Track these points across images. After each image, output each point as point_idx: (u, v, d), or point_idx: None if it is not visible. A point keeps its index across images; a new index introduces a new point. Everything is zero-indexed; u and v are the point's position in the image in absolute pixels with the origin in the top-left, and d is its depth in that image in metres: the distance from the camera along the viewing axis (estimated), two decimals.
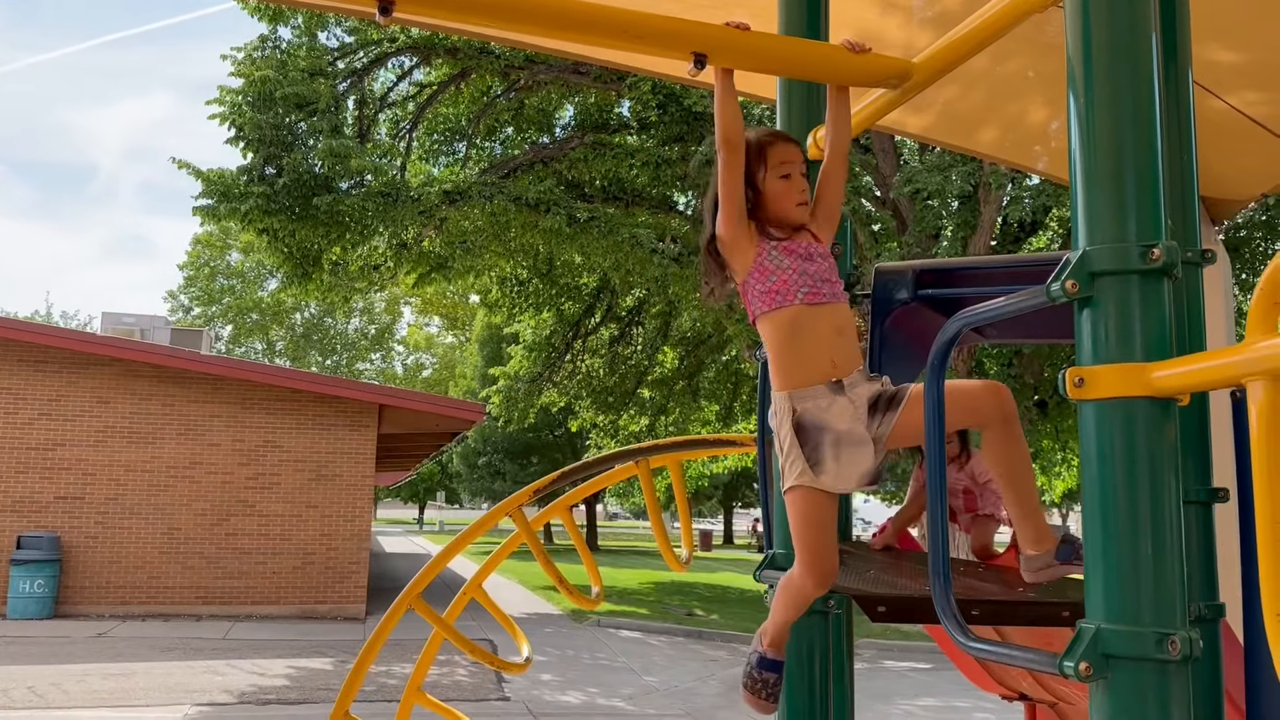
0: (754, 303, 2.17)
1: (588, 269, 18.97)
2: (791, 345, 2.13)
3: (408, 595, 3.11)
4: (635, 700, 10.49)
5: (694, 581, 23.15)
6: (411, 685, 3.34)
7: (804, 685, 2.45)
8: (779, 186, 2.17)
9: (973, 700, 10.65)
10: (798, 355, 2.12)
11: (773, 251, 2.15)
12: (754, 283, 2.15)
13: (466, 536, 3.22)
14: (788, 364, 2.13)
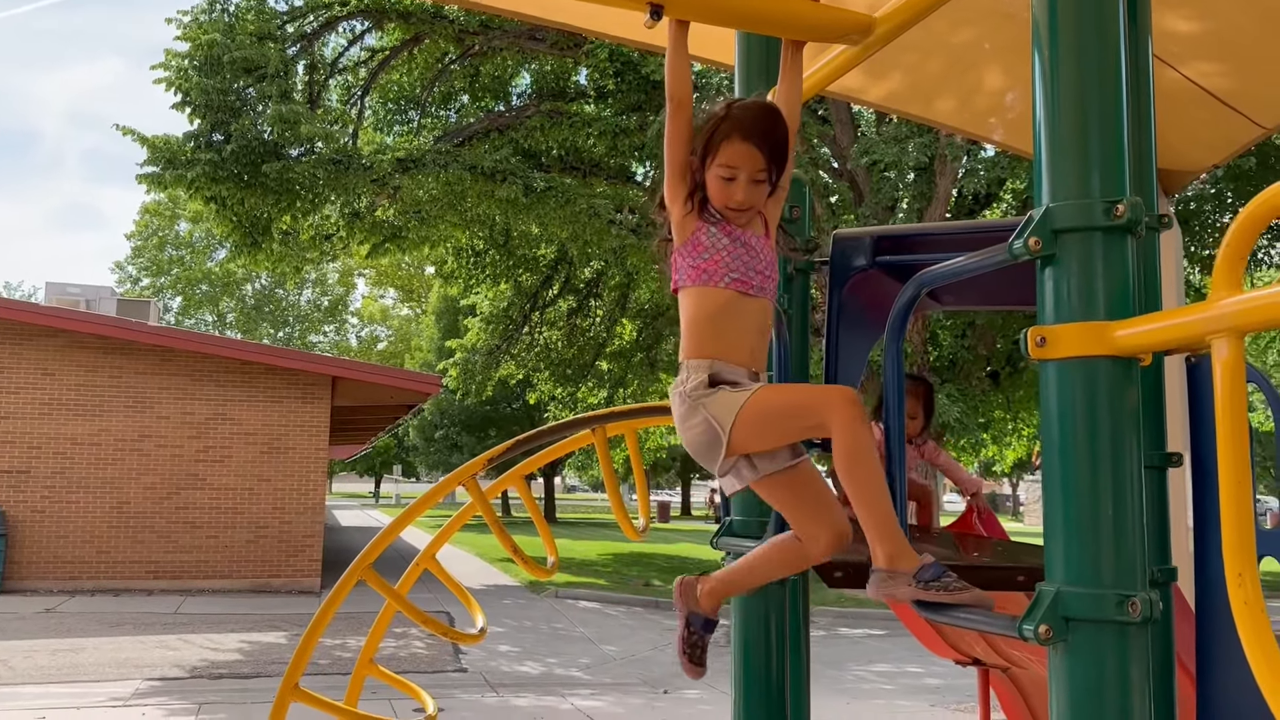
0: (680, 273, 2.08)
1: (545, 240, 18.80)
2: (713, 323, 2.05)
3: (358, 567, 3.05)
4: (593, 670, 10.52)
5: (652, 552, 23.25)
6: (363, 658, 3.29)
7: (761, 653, 2.44)
8: (718, 185, 2.05)
9: (925, 665, 10.81)
10: (718, 333, 2.04)
11: (711, 229, 2.06)
12: (685, 254, 2.07)
13: (417, 507, 3.15)
14: (707, 335, 2.04)
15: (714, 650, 6.93)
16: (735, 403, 1.94)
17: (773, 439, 1.94)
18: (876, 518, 1.77)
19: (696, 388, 2.00)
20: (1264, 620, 1.23)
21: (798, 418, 1.90)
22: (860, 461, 1.79)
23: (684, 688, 9.54)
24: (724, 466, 1.97)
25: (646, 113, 15.37)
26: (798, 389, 2.01)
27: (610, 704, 8.83)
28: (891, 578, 1.74)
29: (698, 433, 1.98)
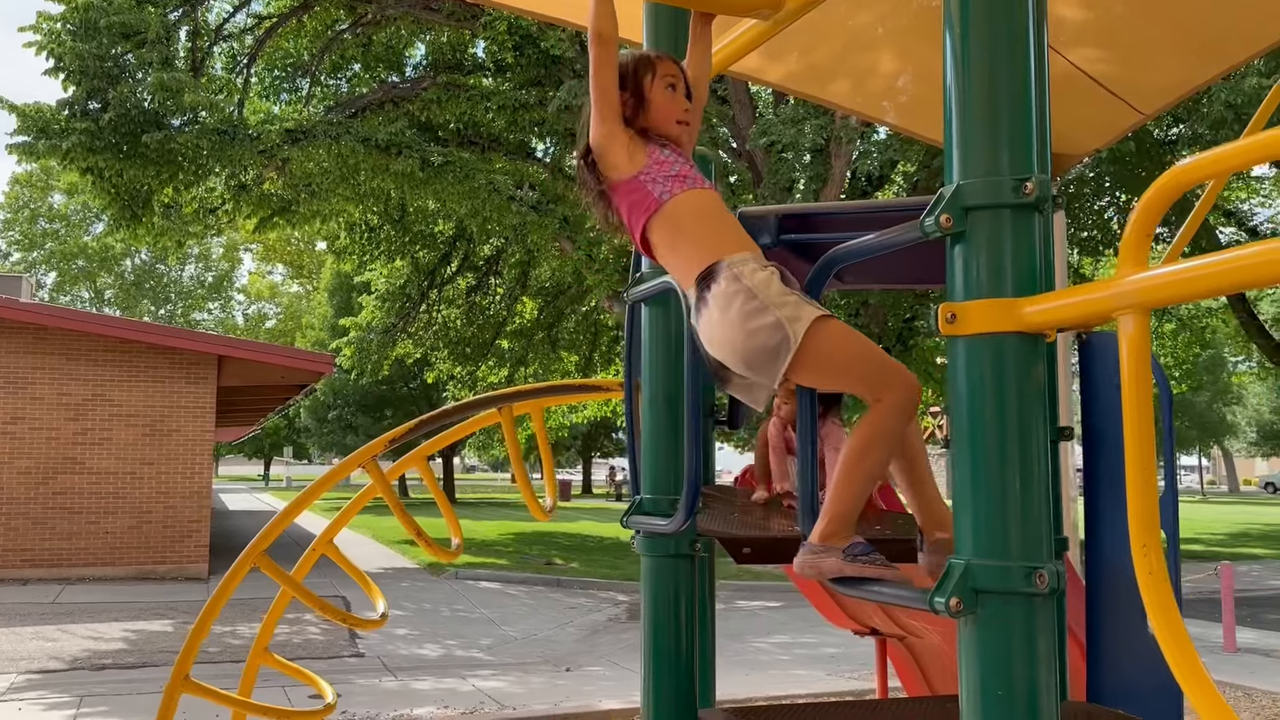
0: (656, 187, 2.01)
1: (443, 216, 18.47)
2: (724, 218, 2.00)
3: (251, 553, 2.93)
4: (494, 650, 10.45)
5: (553, 531, 23.21)
6: (257, 646, 3.17)
7: (671, 629, 2.42)
8: (665, 96, 2.10)
9: (820, 636, 11.06)
10: (735, 229, 1.98)
11: (663, 150, 2.08)
12: (654, 171, 2.02)
13: (314, 491, 3.05)
14: (728, 231, 1.96)
15: (615, 627, 6.97)
16: (813, 314, 1.80)
17: (823, 374, 1.81)
18: (847, 502, 1.75)
19: (767, 281, 1.84)
20: (1167, 589, 1.27)
21: (860, 370, 1.79)
22: (878, 449, 1.75)
23: (586, 665, 9.56)
24: (781, 379, 1.81)
25: (547, 88, 15.19)
26: (873, 345, 1.86)
27: (512, 684, 8.78)
28: (822, 551, 1.73)
29: (766, 334, 1.80)
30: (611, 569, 16.59)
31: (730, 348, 1.87)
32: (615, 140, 2.03)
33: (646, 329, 2.48)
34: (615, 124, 2.04)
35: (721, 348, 1.89)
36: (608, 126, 2.04)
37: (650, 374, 2.46)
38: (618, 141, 2.03)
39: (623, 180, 2.04)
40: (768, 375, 1.84)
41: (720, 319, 1.87)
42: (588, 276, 16.43)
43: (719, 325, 1.87)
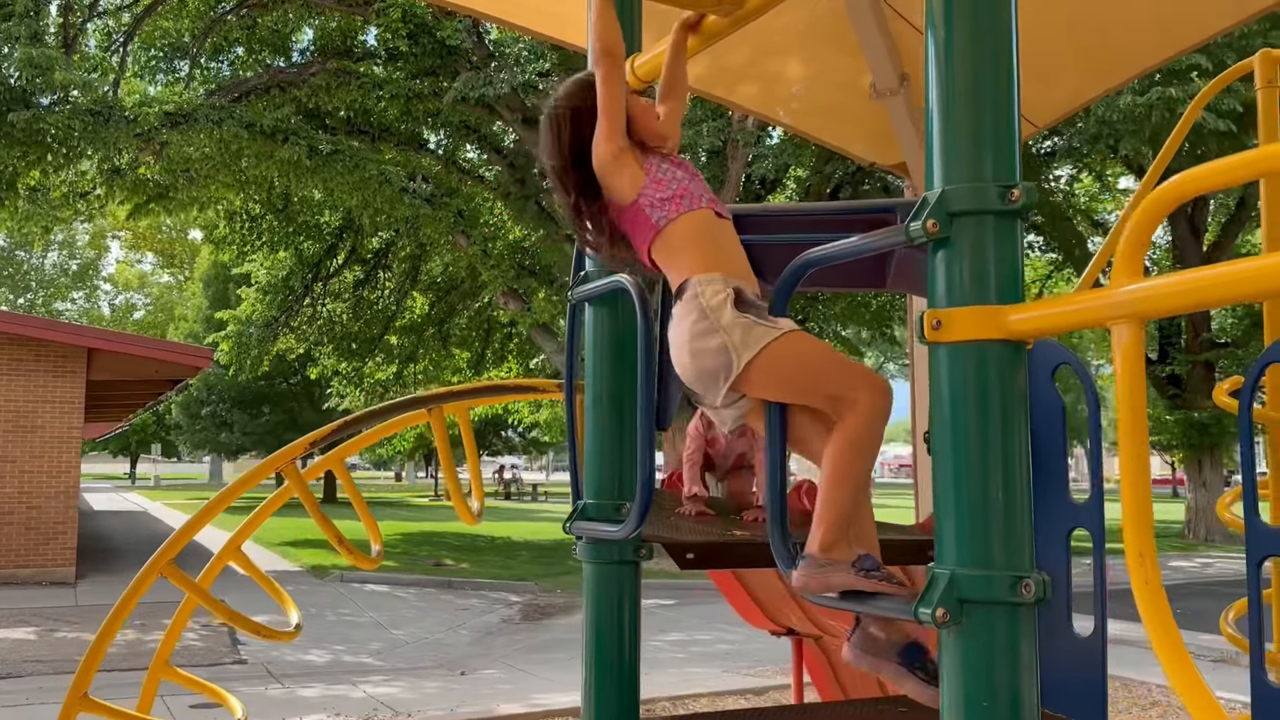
0: (655, 213, 2.01)
1: (330, 206, 17.93)
2: (714, 241, 1.99)
3: (159, 560, 2.74)
4: (384, 655, 10.18)
5: (442, 531, 22.80)
6: (159, 658, 2.97)
7: (614, 636, 2.37)
8: (640, 102, 2.11)
9: (715, 633, 11.15)
10: (720, 250, 1.98)
11: (662, 164, 2.06)
12: (652, 192, 2.01)
13: (227, 496, 2.87)
14: (710, 252, 1.96)
15: (509, 628, 6.81)
16: (763, 337, 1.80)
17: (785, 391, 1.80)
18: (838, 509, 1.72)
19: (720, 304, 1.85)
20: (1162, 598, 1.27)
21: (823, 383, 1.77)
22: (862, 456, 1.73)
23: (481, 669, 9.40)
24: (726, 400, 1.84)
25: (441, 78, 14.89)
26: (838, 354, 1.84)
27: (405, 689, 8.56)
28: (828, 565, 1.70)
29: (708, 357, 1.83)
30: (503, 569, 16.39)
31: (680, 365, 1.92)
32: (621, 158, 2.02)
33: (591, 329, 2.42)
34: (622, 140, 2.03)
35: (676, 364, 1.94)
36: (613, 145, 2.03)
37: (594, 375, 2.39)
38: (623, 160, 2.02)
39: (624, 205, 2.04)
40: (709, 396, 1.88)
41: (674, 333, 1.93)
42: (483, 272, 16.19)
43: (673, 339, 1.93)
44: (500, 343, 21.08)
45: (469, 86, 13.67)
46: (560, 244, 15.70)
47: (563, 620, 12.24)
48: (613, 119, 2.03)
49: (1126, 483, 1.31)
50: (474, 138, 16.56)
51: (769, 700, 7.34)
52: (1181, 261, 19.37)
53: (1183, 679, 1.23)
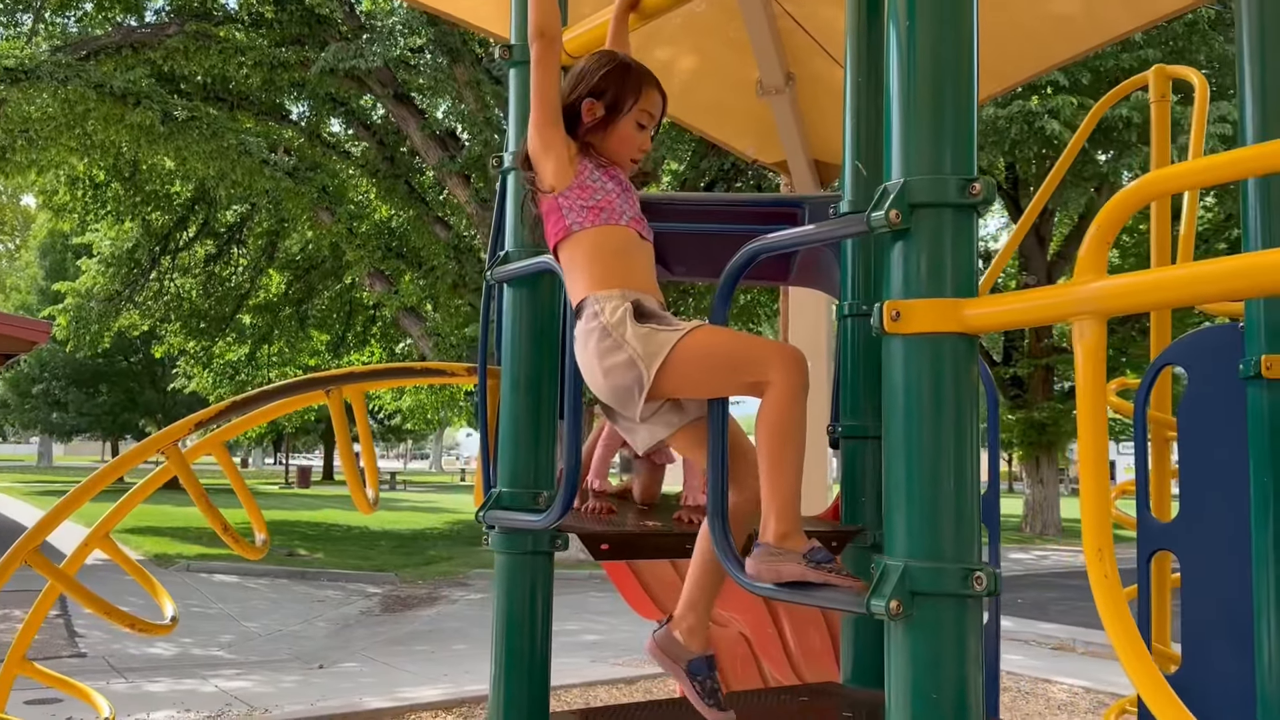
0: (570, 215, 1.95)
1: (182, 176, 17.01)
2: (621, 258, 1.94)
3: (21, 549, 2.50)
4: (235, 648, 9.74)
5: (295, 519, 21.99)
6: (14, 654, 2.72)
7: (526, 629, 2.29)
8: (631, 131, 2.03)
9: (581, 623, 11.13)
10: (628, 268, 1.93)
11: (595, 170, 1.99)
12: (574, 197, 1.95)
13: (97, 481, 2.65)
14: (616, 268, 1.91)
15: (369, 620, 6.61)
16: (666, 342, 1.77)
17: (702, 388, 1.78)
18: (785, 494, 1.70)
19: (621, 320, 1.81)
20: (1120, 594, 1.29)
21: (737, 370, 1.74)
22: (792, 433, 1.70)
23: (341, 662, 9.10)
24: (645, 412, 1.80)
25: (308, 47, 14.31)
26: (743, 337, 1.83)
27: (260, 683, 8.21)
28: (781, 554, 1.67)
29: (619, 374, 1.80)
30: (362, 559, 15.94)
31: (594, 385, 1.89)
32: (549, 150, 1.95)
33: (510, 311, 2.33)
34: (552, 131, 1.95)
35: (590, 384, 1.91)
36: (543, 133, 1.95)
37: (512, 359, 2.30)
38: (551, 152, 1.95)
39: (544, 195, 1.97)
40: (629, 411, 1.86)
41: (581, 355, 1.90)
42: (348, 251, 15.66)
43: (582, 361, 1.90)
44: (363, 326, 20.47)
45: (338, 58, 13.19)
46: (430, 226, 15.35)
47: (425, 612, 11.98)
48: (543, 106, 1.95)
49: (1085, 478, 1.33)
50: (341, 111, 16.01)
51: (640, 690, 7.36)
52: (1027, 268, 20.45)
53: (1141, 674, 1.25)
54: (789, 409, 1.72)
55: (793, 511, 1.71)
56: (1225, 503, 2.34)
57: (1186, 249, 2.82)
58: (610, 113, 2.01)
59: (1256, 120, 2.28)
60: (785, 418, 1.72)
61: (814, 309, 6.75)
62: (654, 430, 1.87)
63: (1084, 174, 14.62)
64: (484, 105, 13.98)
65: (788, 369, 1.72)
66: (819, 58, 6.31)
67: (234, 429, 2.76)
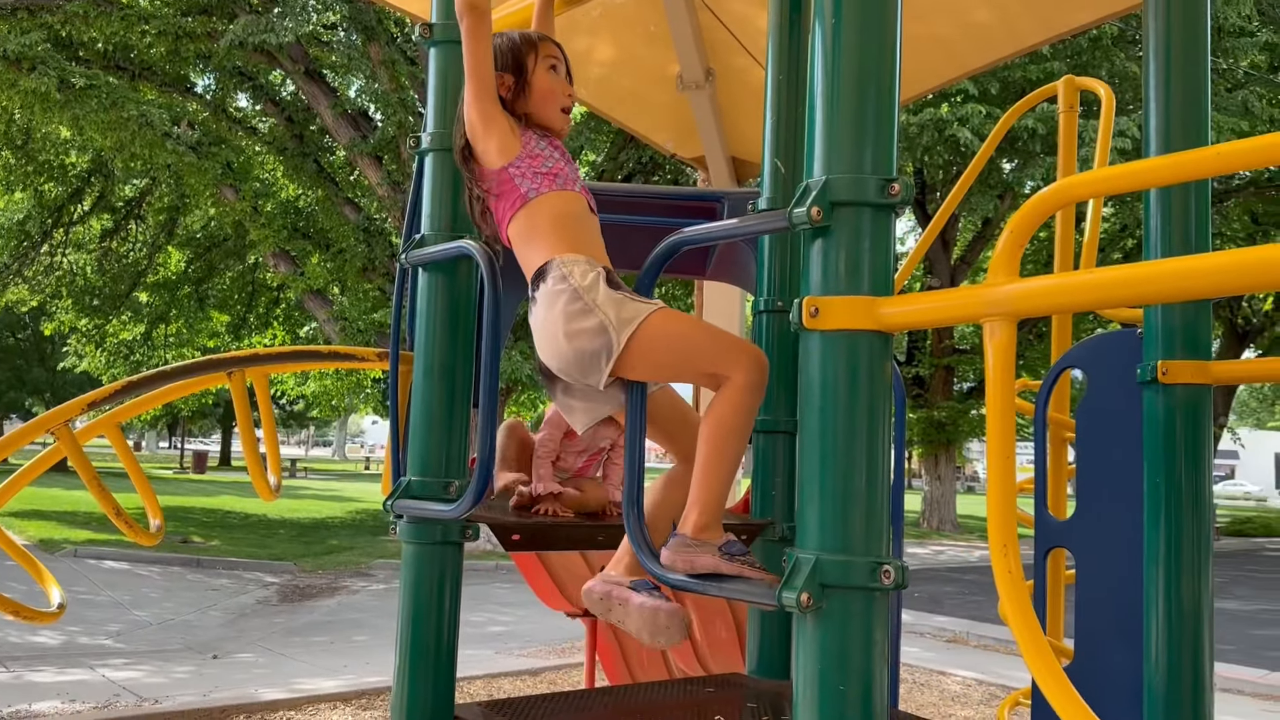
0: (524, 183, 1.92)
1: (79, 147, 16.29)
2: (581, 223, 1.93)
3: None
4: (125, 637, 9.41)
5: (190, 506, 21.31)
6: None
7: (432, 621, 2.25)
8: (548, 78, 2.02)
9: (487, 614, 11.05)
10: (589, 235, 1.93)
11: (540, 141, 1.98)
12: (525, 165, 1.93)
13: None
14: (579, 234, 1.91)
15: (266, 610, 6.47)
16: (639, 312, 1.76)
17: (663, 369, 1.77)
18: (714, 490, 1.70)
19: (593, 283, 1.79)
20: (1023, 589, 1.32)
21: (698, 359, 1.74)
22: (739, 431, 1.71)
23: (235, 652, 8.86)
24: (608, 379, 1.77)
25: (215, 18, 13.84)
26: (710, 327, 1.81)
27: (150, 673, 7.93)
28: (697, 545, 1.67)
29: (586, 338, 1.76)
30: (259, 547, 15.54)
31: (554, 350, 1.84)
32: (491, 124, 1.92)
33: (425, 296, 2.28)
34: (491, 105, 1.93)
35: (545, 347, 1.86)
36: (482, 107, 1.92)
37: (426, 345, 2.26)
38: (493, 126, 1.92)
39: (492, 170, 1.94)
40: (591, 379, 1.82)
41: (545, 318, 1.85)
42: (251, 230, 15.21)
43: (543, 324, 1.85)
44: (265, 308, 19.92)
45: (248, 31, 12.78)
46: (339, 207, 15.00)
47: (325, 602, 11.74)
48: (479, 80, 1.93)
49: (993, 477, 1.36)
50: (249, 86, 15.52)
51: (545, 681, 7.34)
52: (931, 272, 20.97)
53: (1040, 666, 1.28)
54: (741, 407, 1.74)
55: (717, 507, 1.72)
56: (1119, 502, 2.43)
57: (1090, 255, 2.91)
58: (519, 75, 2.01)
59: (1161, 132, 2.36)
60: (736, 415, 1.73)
61: (728, 303, 6.81)
62: (598, 407, 1.87)
63: (989, 182, 15.05)
64: (399, 85, 13.72)
65: (750, 368, 1.74)
66: (739, 55, 6.35)
67: (129, 410, 2.65)
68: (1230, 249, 1.20)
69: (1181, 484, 2.24)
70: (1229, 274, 1.21)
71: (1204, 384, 2.24)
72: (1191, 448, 2.24)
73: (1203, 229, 2.30)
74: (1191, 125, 2.34)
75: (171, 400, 2.57)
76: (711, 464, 1.71)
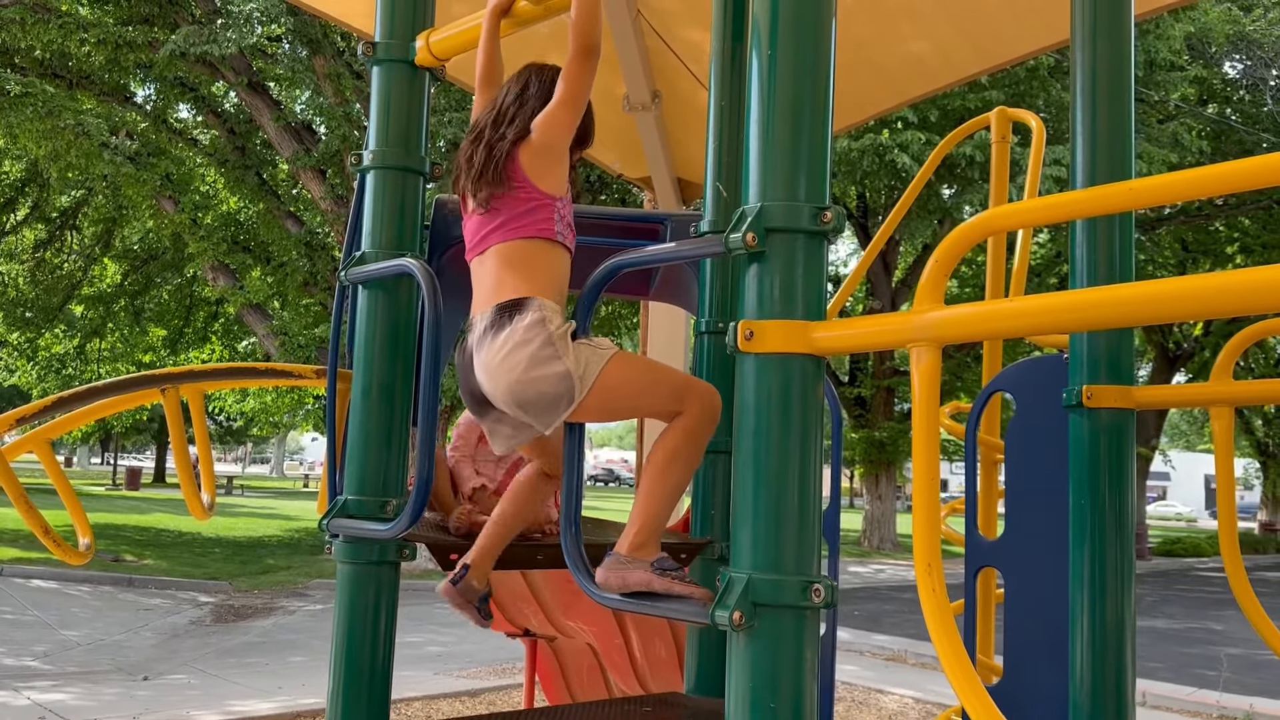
0: (559, 225, 1.99)
1: (12, 155, 15.90)
2: (561, 282, 1.99)
3: None
4: (53, 658, 9.13)
5: (122, 523, 20.76)
6: None
7: (367, 641, 2.24)
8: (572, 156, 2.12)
9: (424, 634, 10.92)
10: (562, 283, 1.99)
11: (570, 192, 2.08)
12: (565, 211, 2.00)
13: None
14: (562, 290, 1.98)
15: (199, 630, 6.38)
16: (599, 360, 1.82)
17: (616, 413, 1.85)
18: (652, 512, 1.74)
19: (564, 335, 1.84)
20: (947, 607, 1.36)
21: (656, 398, 1.81)
22: (681, 461, 1.77)
23: (168, 674, 8.65)
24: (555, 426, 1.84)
25: (156, 27, 13.63)
26: (665, 368, 1.87)
27: (79, 696, 7.71)
28: (630, 563, 1.70)
29: (549, 383, 1.81)
30: (194, 567, 15.20)
31: (506, 382, 1.86)
32: (563, 159, 2.00)
33: (364, 314, 2.27)
34: (568, 140, 2.00)
35: (496, 379, 1.88)
36: (569, 133, 1.99)
37: (365, 364, 2.25)
38: (564, 161, 2.00)
39: (536, 187, 1.97)
40: (541, 421, 1.86)
41: (509, 353, 1.87)
42: (190, 243, 14.94)
43: (505, 357, 1.87)
44: (204, 321, 19.56)
45: (189, 42, 12.60)
46: (281, 220, 14.82)
47: (260, 622, 11.51)
48: (577, 112, 1.98)
49: (918, 497, 1.40)
50: (190, 96, 15.30)
51: (484, 703, 7.27)
52: (873, 293, 21.29)
53: (963, 683, 1.32)
54: (691, 438, 1.80)
55: (655, 527, 1.76)
56: (1046, 523, 2.49)
57: (1019, 283, 2.99)
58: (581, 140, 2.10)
59: (1087, 165, 2.45)
60: (685, 444, 1.79)
61: (672, 324, 6.86)
62: (526, 436, 1.93)
63: (929, 207, 15.34)
64: (344, 99, 13.62)
65: (703, 406, 1.81)
66: (686, 78, 6.42)
67: (60, 426, 2.60)
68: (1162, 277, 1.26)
69: (1106, 505, 2.31)
70: (1143, 304, 1.26)
71: (1127, 408, 2.32)
72: (1115, 470, 2.31)
73: (1126, 258, 2.38)
74: (1117, 158, 2.42)
75: (104, 416, 2.52)
76: (655, 487, 1.74)
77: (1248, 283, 1.16)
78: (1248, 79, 18.71)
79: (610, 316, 16.85)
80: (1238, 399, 2.31)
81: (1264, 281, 1.14)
